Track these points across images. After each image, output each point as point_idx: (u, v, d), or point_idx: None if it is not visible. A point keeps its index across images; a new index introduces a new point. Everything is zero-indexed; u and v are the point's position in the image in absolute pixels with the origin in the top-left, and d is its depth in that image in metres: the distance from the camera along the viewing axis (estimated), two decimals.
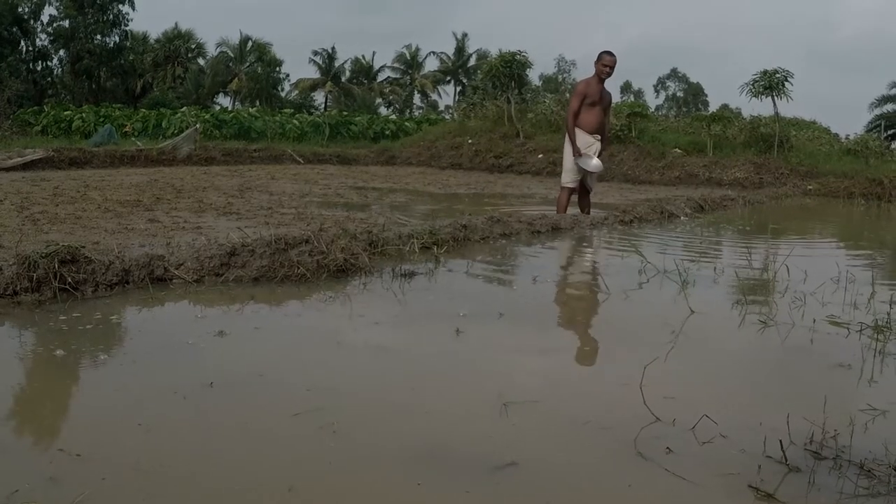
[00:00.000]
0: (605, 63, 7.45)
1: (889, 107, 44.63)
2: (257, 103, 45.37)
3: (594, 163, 7.59)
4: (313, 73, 56.70)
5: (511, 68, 19.83)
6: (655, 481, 1.88)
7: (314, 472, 1.87)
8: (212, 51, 51.34)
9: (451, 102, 55.81)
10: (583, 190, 7.92)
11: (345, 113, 35.46)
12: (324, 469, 1.90)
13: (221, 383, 2.46)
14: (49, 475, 1.79)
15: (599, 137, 7.66)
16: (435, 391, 2.54)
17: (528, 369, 2.82)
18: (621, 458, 2.01)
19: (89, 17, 35.23)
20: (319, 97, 56.67)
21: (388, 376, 2.68)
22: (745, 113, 24.86)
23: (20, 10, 34.15)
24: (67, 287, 3.52)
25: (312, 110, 47.20)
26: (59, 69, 37.02)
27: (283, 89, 53.84)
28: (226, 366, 2.69)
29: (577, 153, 7.51)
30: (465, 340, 3.15)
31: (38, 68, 35.89)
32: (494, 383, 2.53)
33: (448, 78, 60.18)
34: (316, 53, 56.75)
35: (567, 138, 7.69)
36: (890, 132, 39.50)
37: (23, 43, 34.97)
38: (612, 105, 9.37)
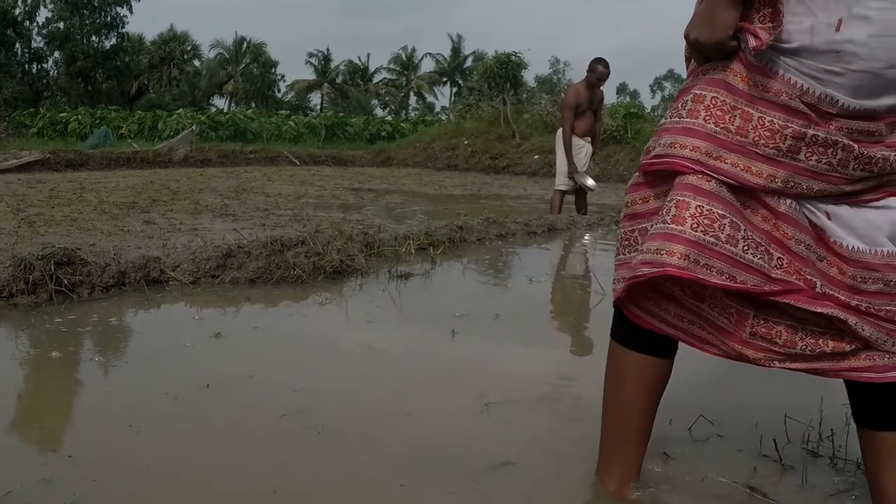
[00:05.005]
0: (599, 76, 7.48)
1: None
2: (253, 105, 45.40)
3: (590, 183, 7.80)
4: (309, 75, 56.78)
5: (506, 69, 19.87)
6: (651, 481, 1.88)
7: (299, 474, 1.87)
8: (207, 53, 51.40)
9: (446, 103, 55.89)
10: (579, 191, 7.96)
11: (341, 114, 35.51)
12: (309, 471, 1.90)
13: (213, 385, 2.46)
14: (42, 476, 1.78)
15: (590, 139, 7.77)
16: (428, 392, 2.53)
17: (524, 370, 2.81)
18: None
19: (85, 18, 35.21)
20: (315, 98, 56.78)
21: (380, 377, 2.67)
22: None
23: (14, 11, 34.09)
24: (63, 289, 3.51)
25: (308, 112, 47.25)
26: (55, 71, 36.99)
27: (278, 91, 53.90)
28: (218, 367, 2.69)
29: (573, 170, 7.63)
30: (461, 341, 3.15)
31: (34, 70, 35.86)
32: (489, 384, 2.53)
33: (444, 79, 60.28)
34: (311, 55, 56.89)
35: (559, 142, 7.78)
36: None
37: (17, 45, 34.91)
38: (608, 105, 9.44)
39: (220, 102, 50.44)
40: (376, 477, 1.87)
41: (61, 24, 35.40)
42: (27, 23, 35.13)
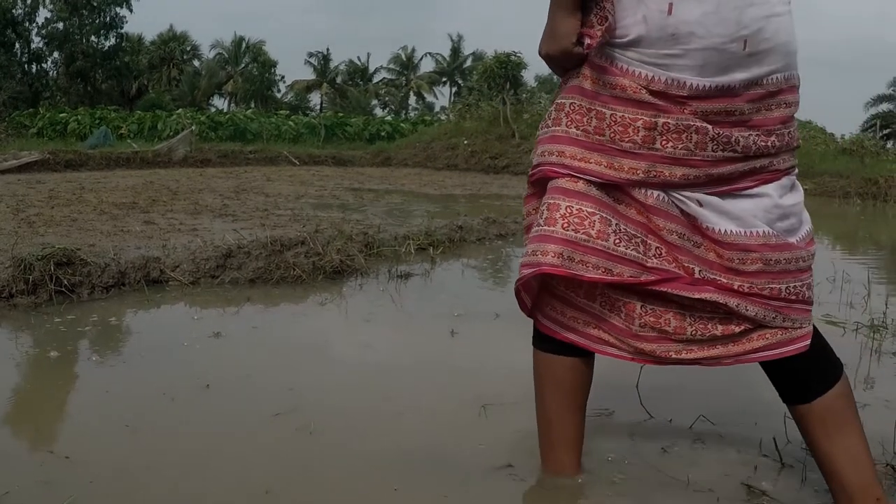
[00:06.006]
0: None
1: (885, 106, 44.79)
2: (253, 105, 45.38)
3: None
4: (309, 75, 56.74)
5: (506, 69, 19.86)
6: (651, 481, 1.88)
7: (292, 475, 1.87)
8: (207, 53, 51.39)
9: (446, 103, 55.80)
10: None
11: (340, 114, 35.52)
12: (301, 472, 1.90)
13: (210, 385, 2.46)
14: (39, 478, 1.79)
15: None
16: (425, 392, 2.52)
17: (523, 370, 2.80)
18: (617, 458, 2.01)
19: (84, 18, 35.18)
20: (315, 98, 56.75)
21: (377, 378, 2.67)
22: None
23: (14, 12, 34.06)
24: (63, 289, 3.51)
25: (308, 112, 47.23)
26: (54, 71, 36.95)
27: (278, 91, 53.87)
28: (216, 367, 2.69)
29: None
30: (460, 341, 3.15)
31: (33, 70, 35.82)
32: (488, 385, 2.52)
33: (444, 79, 60.20)
34: (311, 55, 56.83)
35: None
36: (885, 131, 39.61)
37: (17, 45, 34.88)
38: None
39: (219, 103, 50.47)
40: (369, 479, 1.87)
41: (60, 25, 35.35)
42: (27, 23, 35.09)
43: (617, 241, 1.61)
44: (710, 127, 1.56)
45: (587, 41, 1.59)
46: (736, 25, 1.52)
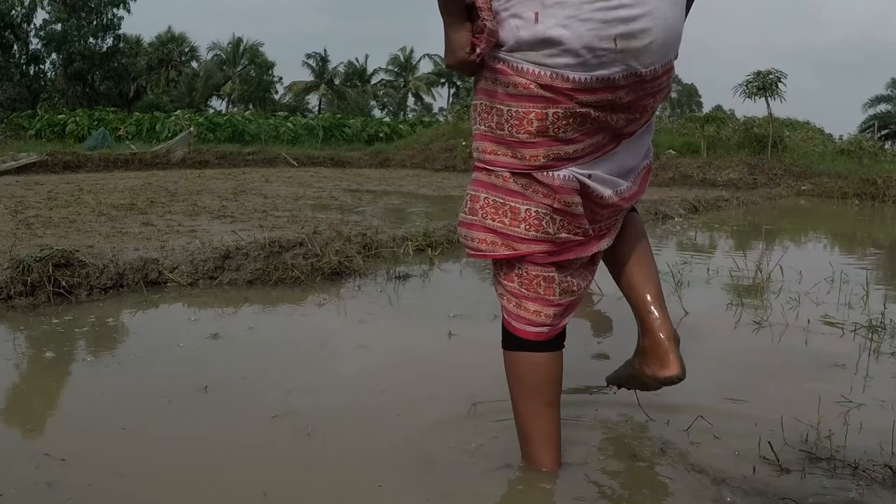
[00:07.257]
0: None
1: (883, 107, 44.85)
2: (251, 106, 45.36)
3: None
4: (307, 76, 56.73)
5: None
6: (649, 483, 1.88)
7: (289, 477, 1.87)
8: (205, 54, 51.38)
9: (445, 104, 55.77)
10: None
11: (338, 116, 35.49)
12: (299, 474, 1.90)
13: (207, 386, 2.46)
14: (36, 480, 1.79)
15: None
16: (421, 394, 2.51)
17: None
18: (614, 460, 2.01)
19: (82, 20, 35.17)
20: (313, 100, 56.73)
21: (374, 379, 2.67)
22: (739, 114, 24.92)
23: (12, 13, 34.03)
24: (62, 291, 3.51)
25: (306, 113, 47.21)
26: (53, 73, 36.94)
27: (276, 92, 53.86)
28: (213, 369, 2.69)
29: None
30: (457, 343, 3.15)
31: (31, 72, 35.80)
32: (486, 385, 2.52)
33: (442, 80, 60.15)
34: (309, 56, 56.80)
35: None
36: (883, 132, 39.64)
37: (15, 47, 34.86)
38: None
39: (217, 104, 50.45)
40: (365, 480, 1.87)
41: (59, 26, 35.34)
42: (25, 25, 35.07)
43: (528, 227, 1.79)
44: (591, 111, 1.70)
45: (478, 49, 1.72)
46: (602, 24, 1.60)
